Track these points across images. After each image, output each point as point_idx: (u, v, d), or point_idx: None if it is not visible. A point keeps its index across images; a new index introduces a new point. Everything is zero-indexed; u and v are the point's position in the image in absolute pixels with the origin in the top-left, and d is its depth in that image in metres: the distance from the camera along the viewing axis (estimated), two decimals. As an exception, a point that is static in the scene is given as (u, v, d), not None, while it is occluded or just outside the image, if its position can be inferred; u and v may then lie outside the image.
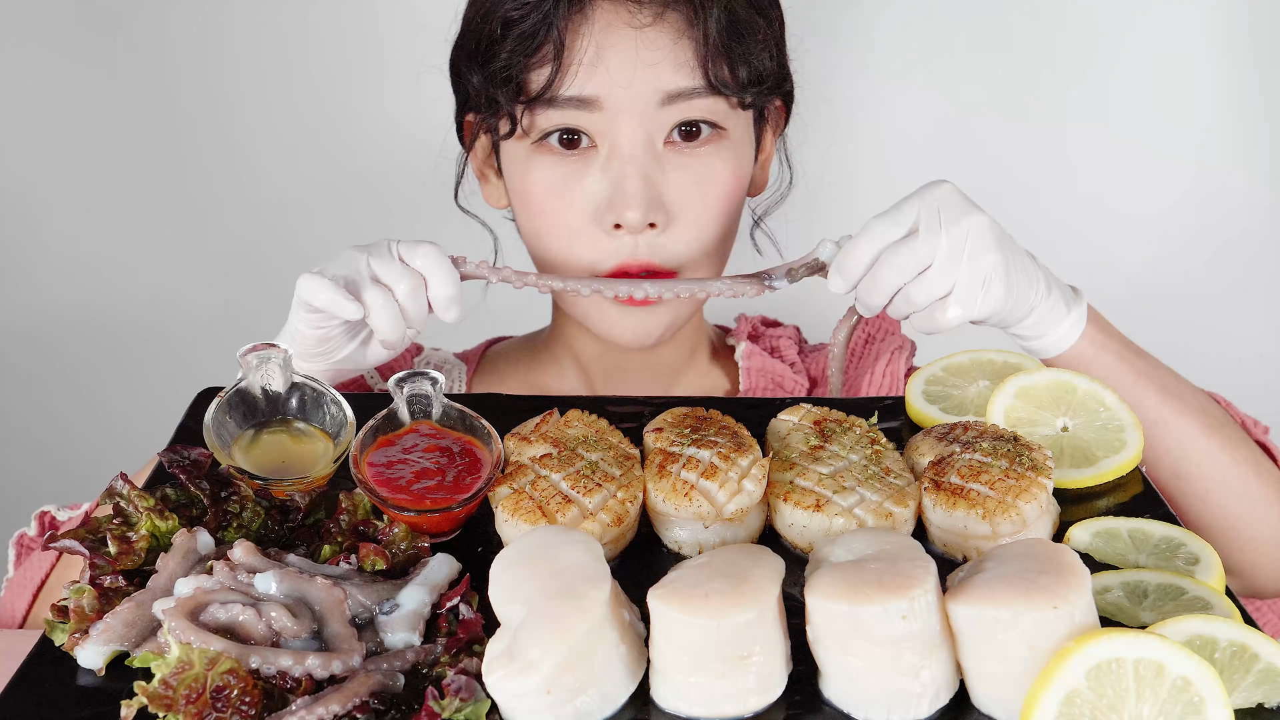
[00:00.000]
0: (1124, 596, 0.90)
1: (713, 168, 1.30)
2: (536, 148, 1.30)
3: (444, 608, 0.88)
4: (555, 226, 1.31)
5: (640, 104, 1.26)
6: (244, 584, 0.87)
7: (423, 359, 1.52)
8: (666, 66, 1.25)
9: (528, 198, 1.32)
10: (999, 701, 0.80)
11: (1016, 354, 1.20)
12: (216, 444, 1.00)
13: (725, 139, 1.31)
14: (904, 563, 0.81)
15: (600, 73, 1.25)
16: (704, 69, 1.26)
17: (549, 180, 1.30)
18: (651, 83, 1.25)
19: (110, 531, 0.92)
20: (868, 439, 1.03)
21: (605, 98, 1.25)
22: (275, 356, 1.03)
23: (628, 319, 1.32)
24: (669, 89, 1.26)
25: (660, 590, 0.81)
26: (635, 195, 1.26)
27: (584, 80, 1.25)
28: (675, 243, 1.29)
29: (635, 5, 1.26)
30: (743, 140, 1.34)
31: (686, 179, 1.29)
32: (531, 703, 0.78)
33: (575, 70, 1.25)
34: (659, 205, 1.27)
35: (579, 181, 1.29)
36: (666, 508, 0.96)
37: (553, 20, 1.24)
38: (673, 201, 1.28)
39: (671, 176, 1.28)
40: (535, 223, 1.33)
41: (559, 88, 1.26)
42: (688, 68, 1.26)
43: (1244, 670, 0.81)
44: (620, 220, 1.27)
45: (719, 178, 1.30)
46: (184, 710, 0.77)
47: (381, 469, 0.97)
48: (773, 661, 0.81)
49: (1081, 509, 1.02)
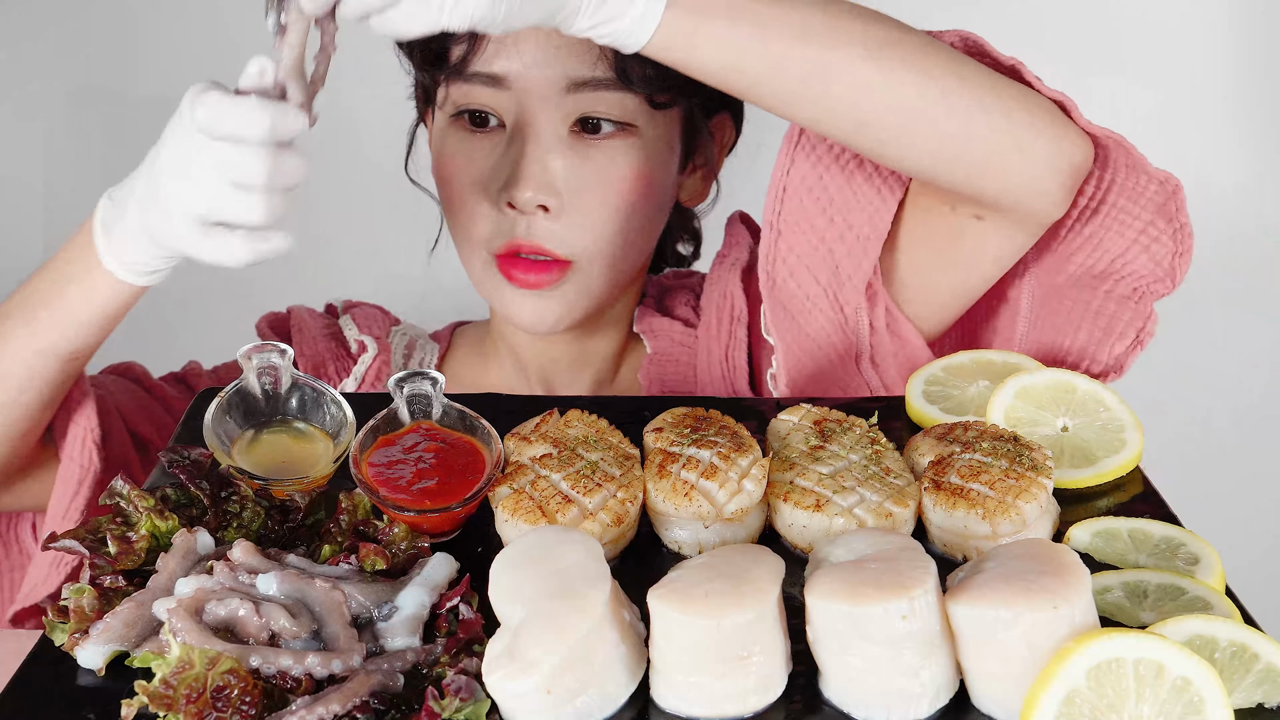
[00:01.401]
0: (1124, 596, 0.90)
1: (615, 161, 1.30)
2: (452, 121, 1.33)
3: (444, 608, 0.88)
4: (457, 199, 1.34)
5: (546, 87, 1.27)
6: (244, 584, 0.87)
7: (400, 331, 1.52)
8: (574, 53, 1.26)
9: (440, 169, 1.36)
10: (999, 701, 0.80)
11: (1016, 354, 1.20)
12: (216, 444, 1.00)
13: (634, 137, 1.30)
14: (904, 563, 0.81)
15: (510, 51, 1.27)
16: (613, 61, 1.27)
17: (456, 154, 1.33)
18: (558, 68, 1.27)
19: (110, 531, 0.92)
20: (868, 439, 1.03)
21: (513, 77, 1.27)
22: (275, 356, 1.03)
23: (525, 302, 1.33)
24: (575, 76, 1.27)
25: (660, 590, 0.81)
26: (529, 176, 1.27)
27: (491, 57, 1.27)
28: (568, 230, 1.30)
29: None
30: (658, 141, 1.33)
31: (587, 169, 1.29)
32: (531, 703, 0.78)
33: (485, 47, 1.27)
34: (551, 189, 1.28)
35: (483, 158, 1.31)
36: (666, 508, 0.96)
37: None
38: (568, 189, 1.29)
39: (573, 163, 1.29)
40: (444, 193, 1.37)
41: (470, 62, 1.28)
42: (595, 57, 1.27)
43: (1244, 670, 0.81)
44: (512, 199, 1.28)
45: (620, 173, 1.30)
46: (184, 710, 0.77)
47: (381, 469, 0.97)
48: (773, 661, 0.81)
49: (1081, 509, 1.02)
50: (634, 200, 1.32)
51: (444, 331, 1.56)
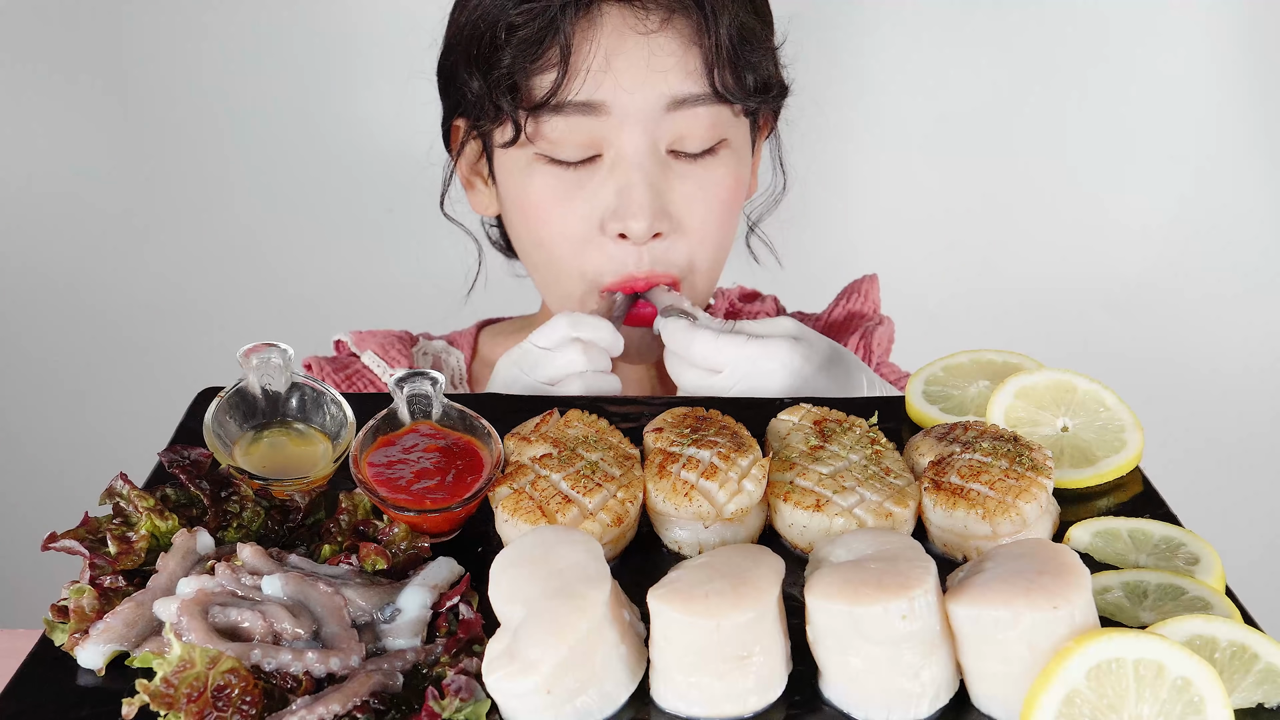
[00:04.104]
0: (1124, 596, 0.90)
1: (717, 175, 1.29)
2: (538, 155, 1.29)
3: (444, 608, 0.88)
4: (557, 235, 1.30)
5: (647, 110, 1.25)
6: (245, 585, 0.87)
7: (419, 350, 1.51)
8: (675, 73, 1.25)
9: (527, 205, 1.31)
10: (999, 701, 0.80)
11: (1016, 354, 1.20)
12: (216, 444, 1.00)
13: (728, 147, 1.30)
14: (904, 563, 0.81)
15: (609, 78, 1.24)
16: (710, 76, 1.25)
17: (551, 188, 1.29)
18: (658, 88, 1.25)
19: (110, 531, 0.92)
20: (868, 439, 1.03)
21: (612, 103, 1.24)
22: (275, 356, 1.03)
23: (633, 334, 1.30)
24: (675, 95, 1.25)
25: (660, 590, 0.81)
26: (641, 205, 1.25)
27: (592, 86, 1.24)
28: (678, 252, 1.29)
29: (642, 11, 1.24)
30: (743, 146, 1.33)
31: (691, 187, 1.28)
32: (531, 703, 0.78)
33: (583, 76, 1.24)
34: (664, 214, 1.27)
35: (582, 189, 1.28)
36: (666, 508, 0.96)
37: (559, 25, 1.23)
38: (678, 210, 1.28)
39: (676, 184, 1.28)
40: (537, 231, 1.32)
41: (566, 93, 1.24)
42: (695, 75, 1.25)
43: (1244, 670, 0.81)
44: (625, 230, 1.26)
45: (723, 185, 1.30)
46: (185, 709, 0.77)
47: (381, 469, 0.97)
48: (773, 661, 0.81)
49: (1081, 509, 1.02)
50: (734, 209, 1.32)
51: (466, 334, 1.54)
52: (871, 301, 1.52)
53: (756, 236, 1.54)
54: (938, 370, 1.17)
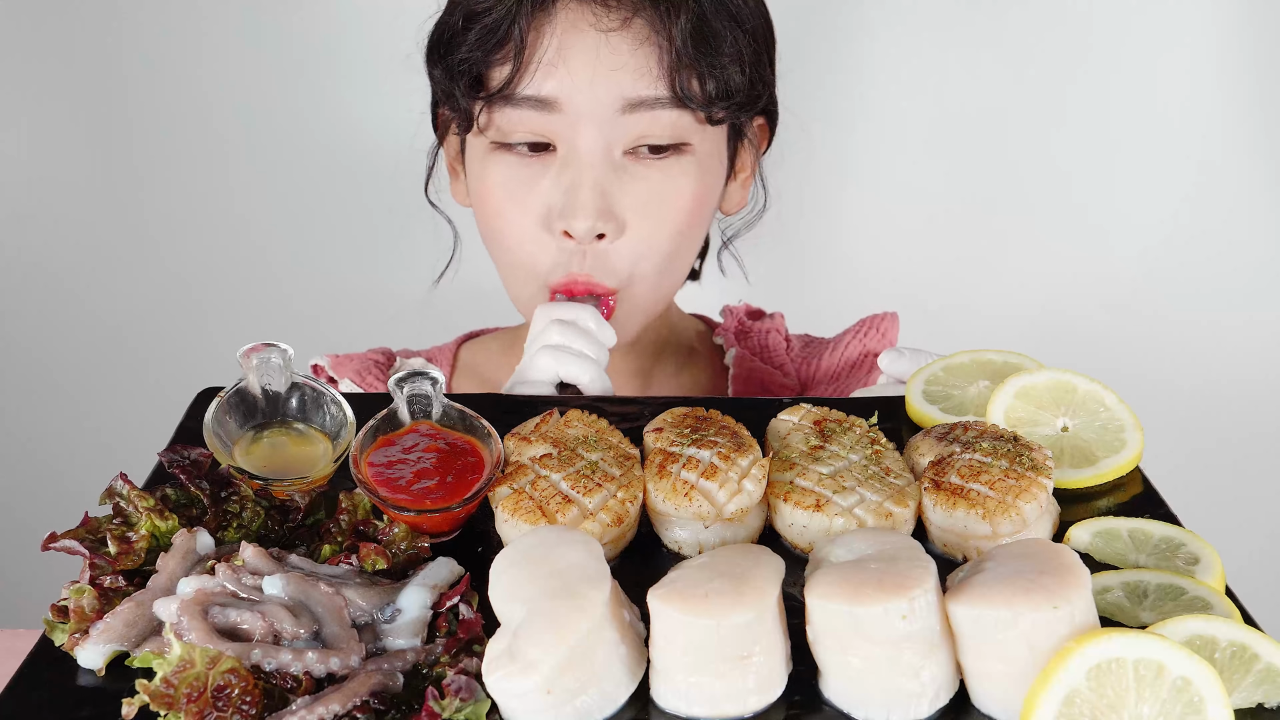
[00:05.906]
0: (1124, 596, 0.90)
1: (672, 182, 1.27)
2: (496, 146, 1.28)
3: (444, 608, 0.88)
4: (507, 229, 1.29)
5: (600, 110, 1.23)
6: (245, 585, 0.87)
7: (395, 369, 1.50)
8: (628, 73, 1.22)
9: (484, 197, 1.31)
10: (999, 701, 0.80)
11: (1016, 354, 1.20)
12: (216, 444, 1.00)
13: (689, 154, 1.27)
14: (904, 563, 0.81)
15: (560, 73, 1.23)
16: (669, 79, 1.23)
17: (504, 181, 1.28)
18: (612, 89, 1.23)
19: (110, 531, 0.92)
20: (868, 439, 1.03)
21: (565, 100, 1.23)
22: (275, 356, 1.03)
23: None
24: (630, 96, 1.23)
25: (660, 590, 0.81)
26: (584, 204, 1.24)
27: (542, 80, 1.23)
28: (620, 256, 1.27)
29: (602, 8, 1.22)
30: (710, 156, 1.30)
31: (643, 191, 1.26)
32: (531, 703, 0.78)
33: (535, 69, 1.23)
34: (609, 215, 1.25)
35: (534, 185, 1.27)
36: (666, 508, 0.96)
37: (516, 16, 1.21)
38: (625, 213, 1.26)
39: (628, 187, 1.26)
40: (491, 223, 1.32)
41: (518, 85, 1.23)
42: (651, 76, 1.23)
43: (1244, 670, 0.81)
44: (569, 228, 1.25)
45: (681, 194, 1.27)
46: (185, 709, 0.77)
47: (381, 469, 0.97)
48: (773, 661, 0.81)
49: (1081, 509, 1.02)
50: (689, 219, 1.29)
51: (446, 349, 1.53)
52: (889, 342, 1.50)
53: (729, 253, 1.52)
54: (938, 370, 1.17)
